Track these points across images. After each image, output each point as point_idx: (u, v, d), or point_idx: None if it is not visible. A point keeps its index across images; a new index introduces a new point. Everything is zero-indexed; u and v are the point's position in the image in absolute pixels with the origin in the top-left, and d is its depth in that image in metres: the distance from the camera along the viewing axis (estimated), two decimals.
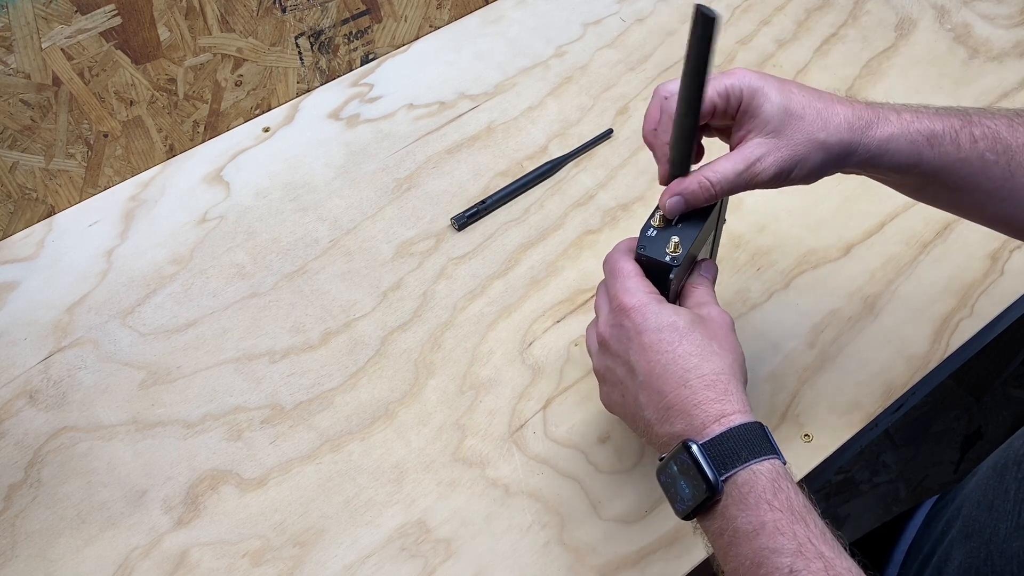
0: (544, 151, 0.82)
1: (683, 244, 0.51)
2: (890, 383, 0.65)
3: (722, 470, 0.45)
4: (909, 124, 0.51)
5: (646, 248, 0.52)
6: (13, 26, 0.67)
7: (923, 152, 0.51)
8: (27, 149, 0.74)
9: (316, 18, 0.84)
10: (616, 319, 0.51)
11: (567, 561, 0.58)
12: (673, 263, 0.51)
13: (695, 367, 0.48)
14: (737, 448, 0.46)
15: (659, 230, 0.52)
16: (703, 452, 0.46)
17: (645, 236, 0.52)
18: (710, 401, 0.47)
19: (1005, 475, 0.56)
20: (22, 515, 0.61)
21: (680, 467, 0.46)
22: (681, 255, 0.51)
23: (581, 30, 0.93)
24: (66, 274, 0.75)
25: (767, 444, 0.47)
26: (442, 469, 0.63)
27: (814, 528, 0.44)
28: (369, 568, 0.58)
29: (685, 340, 0.49)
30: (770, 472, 0.45)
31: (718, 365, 0.49)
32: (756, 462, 0.45)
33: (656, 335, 0.49)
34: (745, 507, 0.44)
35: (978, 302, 0.69)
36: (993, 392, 1.40)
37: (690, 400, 0.47)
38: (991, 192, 0.52)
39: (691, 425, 0.47)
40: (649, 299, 0.50)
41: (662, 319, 0.49)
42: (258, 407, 0.66)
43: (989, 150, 0.51)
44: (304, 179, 0.81)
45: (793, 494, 0.45)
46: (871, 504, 1.32)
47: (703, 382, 0.48)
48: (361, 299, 0.72)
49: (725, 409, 0.47)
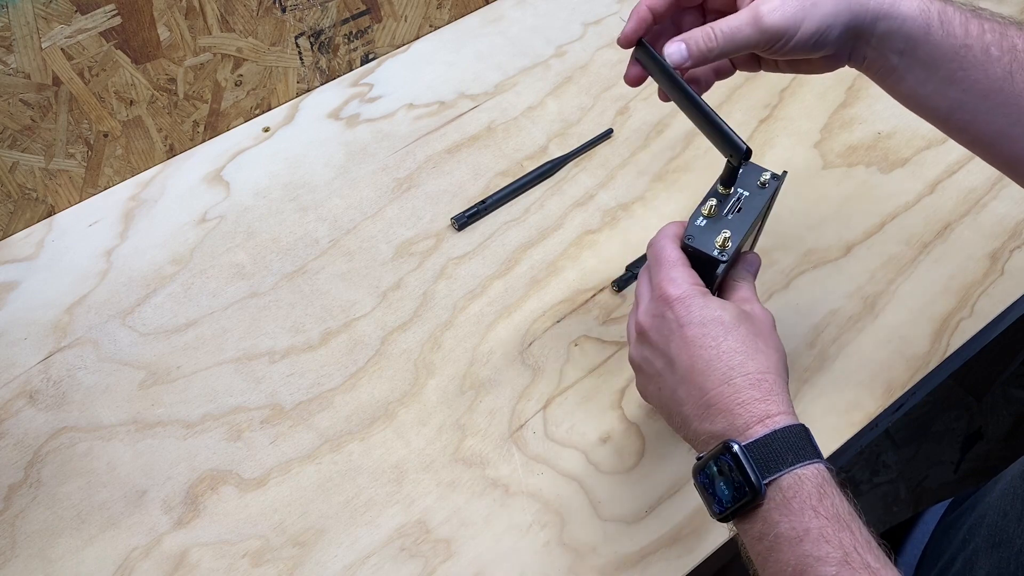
0: (544, 151, 0.82)
1: (733, 238, 0.49)
2: (890, 383, 0.65)
3: (766, 473, 0.44)
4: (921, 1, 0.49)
5: (694, 239, 0.50)
6: (13, 26, 0.67)
7: (932, 27, 0.49)
8: (27, 149, 0.74)
9: (316, 18, 0.84)
10: (658, 309, 0.49)
11: (567, 561, 0.58)
12: (722, 258, 0.49)
13: (740, 364, 0.47)
14: (782, 451, 0.44)
15: (709, 219, 0.50)
16: (746, 454, 0.44)
17: (694, 225, 0.50)
18: (754, 401, 0.46)
19: None
20: (22, 515, 0.61)
21: (720, 467, 0.45)
22: (731, 250, 0.49)
23: (581, 30, 0.93)
24: (66, 274, 0.75)
25: (811, 447, 0.45)
26: (442, 469, 0.63)
27: (860, 537, 0.42)
28: (369, 568, 0.58)
29: (730, 336, 0.47)
30: (815, 477, 0.44)
31: (763, 363, 0.47)
32: (801, 466, 0.44)
33: (700, 329, 0.48)
34: (788, 512, 0.43)
35: (978, 302, 0.69)
36: (993, 392, 1.40)
37: (733, 399, 0.46)
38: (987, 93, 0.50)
39: (733, 425, 0.46)
40: (694, 291, 0.49)
41: (707, 312, 0.48)
42: (258, 407, 0.66)
43: (994, 44, 0.49)
44: (304, 179, 0.81)
45: (838, 500, 0.44)
46: (871, 504, 1.32)
47: (748, 380, 0.46)
48: (361, 299, 0.72)
49: (770, 409, 0.46)
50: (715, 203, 0.51)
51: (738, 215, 0.50)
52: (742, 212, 0.51)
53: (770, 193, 0.52)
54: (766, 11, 0.48)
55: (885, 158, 0.80)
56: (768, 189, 0.51)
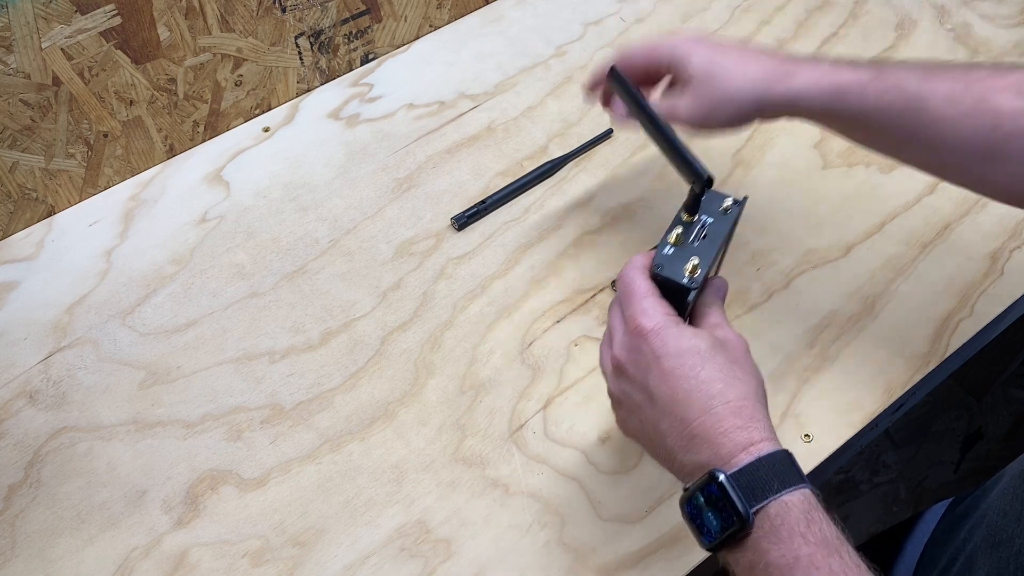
0: (544, 151, 0.82)
1: (702, 265, 0.50)
2: (890, 383, 0.65)
3: (753, 501, 0.44)
4: (820, 79, 0.55)
5: (663, 268, 0.50)
6: (13, 26, 0.67)
7: (833, 104, 0.55)
8: (27, 149, 0.74)
9: (316, 18, 0.84)
10: (633, 342, 0.49)
11: (567, 561, 0.58)
12: (691, 285, 0.49)
13: (720, 393, 0.46)
14: (768, 478, 0.44)
15: (676, 248, 0.51)
16: (732, 483, 0.44)
17: (662, 254, 0.51)
18: (737, 429, 0.46)
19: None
20: (22, 515, 0.61)
21: (707, 498, 0.45)
22: (700, 276, 0.50)
23: (581, 30, 0.93)
24: (66, 274, 0.75)
25: (796, 473, 0.45)
26: (442, 469, 0.63)
27: (850, 561, 0.42)
28: (369, 568, 0.58)
29: (708, 365, 0.47)
30: (802, 503, 0.44)
31: (742, 390, 0.47)
32: (787, 492, 0.44)
33: (677, 360, 0.47)
34: (778, 540, 0.43)
35: (978, 302, 0.69)
36: (993, 392, 1.40)
37: (716, 428, 0.46)
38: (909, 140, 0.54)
39: (717, 454, 0.45)
40: (668, 321, 0.49)
41: (682, 343, 0.48)
42: (258, 407, 0.66)
43: (897, 100, 0.53)
44: (304, 179, 0.81)
45: (826, 525, 0.43)
46: (871, 504, 1.32)
47: (728, 408, 0.46)
48: (361, 299, 0.72)
49: (753, 436, 0.45)
50: (681, 231, 0.51)
51: (704, 241, 0.51)
52: (707, 238, 0.51)
53: (733, 218, 0.52)
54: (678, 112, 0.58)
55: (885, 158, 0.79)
56: (731, 215, 0.52)
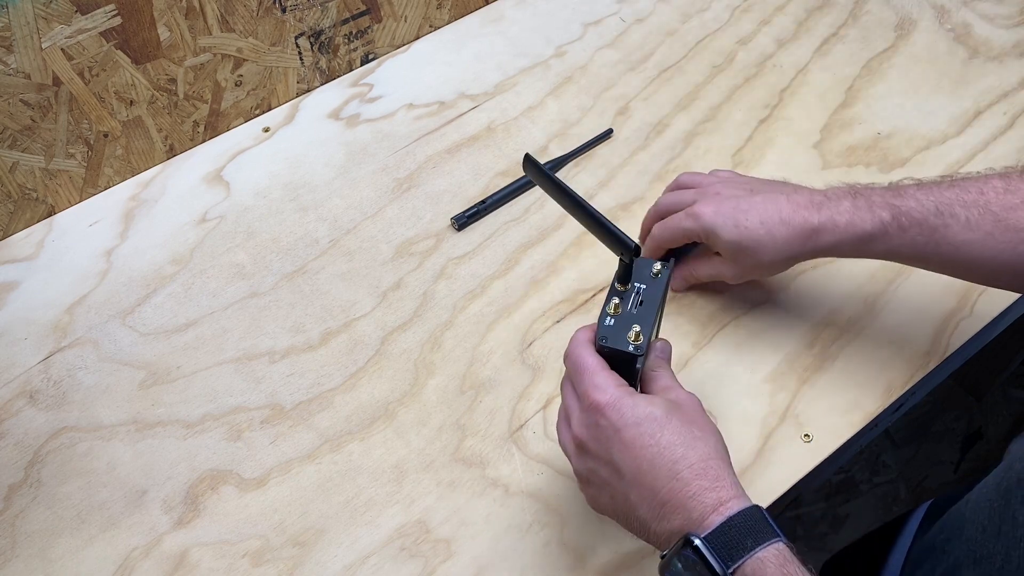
0: (544, 151, 0.82)
1: (644, 331, 0.51)
2: (890, 383, 0.65)
3: (729, 562, 0.44)
4: (846, 231, 0.58)
5: (607, 339, 0.51)
6: (13, 26, 0.67)
7: (861, 251, 0.59)
8: (27, 149, 0.74)
9: (316, 18, 0.84)
10: (591, 418, 0.50)
11: (567, 561, 0.58)
12: (637, 352, 0.50)
13: (682, 456, 0.47)
14: (741, 537, 0.45)
15: (616, 317, 0.52)
16: (707, 545, 0.45)
17: (604, 326, 0.51)
18: (704, 490, 0.46)
19: (1010, 499, 0.55)
20: (22, 515, 0.61)
21: (684, 563, 0.45)
22: (644, 342, 0.50)
23: (581, 30, 0.93)
24: (66, 274, 0.75)
25: (768, 528, 0.46)
26: (442, 469, 0.63)
27: None
28: (369, 568, 0.58)
29: (666, 430, 0.48)
30: (776, 557, 0.44)
31: (703, 451, 0.48)
32: (761, 549, 0.44)
33: (636, 429, 0.48)
34: None
35: (978, 302, 0.69)
36: (993, 392, 1.40)
37: (683, 492, 0.46)
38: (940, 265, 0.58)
39: (689, 519, 0.46)
40: (621, 393, 0.49)
41: (639, 412, 0.48)
42: (258, 407, 0.66)
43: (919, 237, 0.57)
44: (304, 179, 0.81)
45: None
46: (871, 504, 1.32)
47: (693, 472, 0.47)
48: (361, 299, 0.72)
49: (721, 496, 0.46)
50: (617, 301, 0.52)
51: (641, 308, 0.52)
52: (644, 304, 0.52)
53: (664, 281, 0.53)
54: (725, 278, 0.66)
55: (885, 158, 0.80)
56: (661, 278, 0.53)
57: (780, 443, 0.62)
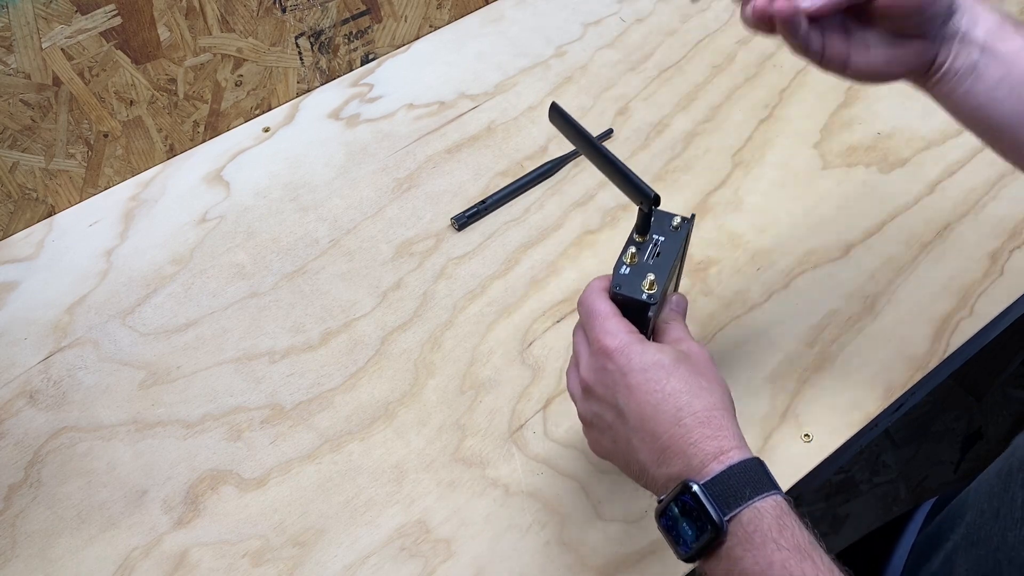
0: (544, 151, 0.82)
1: (658, 280, 0.51)
2: (890, 383, 0.65)
3: (726, 509, 0.44)
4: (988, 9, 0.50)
5: (622, 287, 0.51)
6: (13, 26, 0.67)
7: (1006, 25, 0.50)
8: (27, 149, 0.74)
9: (316, 18, 0.84)
10: (599, 362, 0.50)
11: (567, 561, 0.58)
12: (651, 300, 0.50)
13: (687, 404, 0.47)
14: (739, 486, 0.44)
15: (632, 267, 0.52)
16: (705, 492, 0.44)
17: (619, 275, 0.51)
18: (706, 439, 0.46)
19: (1010, 483, 0.55)
20: (22, 515, 0.61)
21: (681, 508, 0.45)
22: (657, 292, 0.50)
23: (581, 30, 0.93)
24: (66, 274, 0.75)
25: (768, 480, 0.46)
26: (442, 469, 0.63)
27: (822, 565, 0.43)
28: (369, 568, 0.58)
29: (673, 377, 0.48)
30: (774, 509, 0.44)
31: (709, 401, 0.48)
32: (759, 499, 0.44)
33: (643, 375, 0.48)
34: (751, 547, 0.43)
35: (978, 302, 0.69)
36: (993, 392, 1.40)
37: (686, 439, 0.46)
38: None
39: (689, 465, 0.46)
40: (631, 339, 0.49)
41: (647, 358, 0.48)
42: (258, 407, 0.66)
43: None
44: (304, 179, 0.81)
45: (798, 530, 0.44)
46: (871, 504, 1.32)
47: (696, 419, 0.47)
48: (361, 299, 0.72)
49: (723, 446, 0.46)
50: (634, 251, 0.52)
51: (658, 259, 0.52)
52: (661, 256, 0.52)
53: (684, 235, 0.53)
54: None
55: (885, 158, 0.80)
56: (681, 231, 0.53)
57: (780, 443, 0.62)
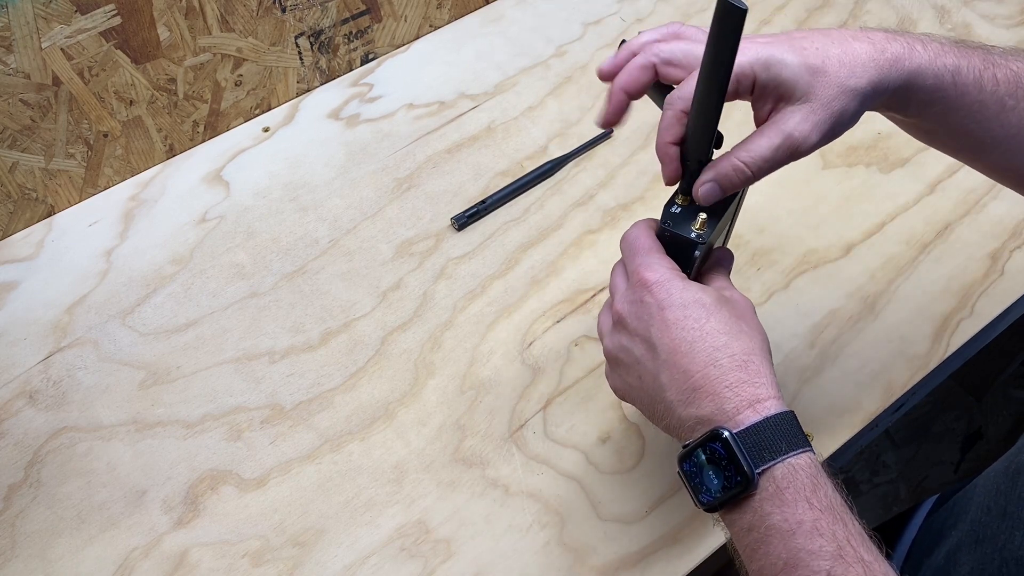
0: (544, 151, 0.82)
1: (710, 222, 0.49)
2: (890, 383, 0.65)
3: (759, 462, 0.42)
4: (935, 58, 0.47)
5: (671, 224, 0.49)
6: (13, 26, 0.67)
7: (946, 89, 0.48)
8: (27, 149, 0.74)
9: (316, 18, 0.84)
10: (636, 294, 0.47)
11: (567, 561, 0.58)
12: (699, 240, 0.48)
13: (724, 345, 0.45)
14: (775, 439, 0.42)
15: (684, 207, 0.50)
16: (737, 441, 0.42)
17: (669, 212, 0.50)
18: (742, 383, 0.44)
19: (1018, 481, 0.54)
20: (22, 515, 0.61)
21: (709, 455, 0.43)
22: (707, 233, 0.48)
23: (581, 30, 0.93)
24: (66, 274, 0.75)
25: (802, 435, 0.43)
26: (442, 469, 0.63)
27: (853, 530, 0.41)
28: (369, 568, 0.58)
29: (713, 317, 0.45)
30: (809, 467, 0.42)
31: (747, 345, 0.45)
32: (794, 455, 0.42)
33: (682, 311, 0.46)
34: (782, 503, 0.41)
35: (978, 302, 0.69)
36: (993, 392, 1.40)
37: (720, 381, 0.44)
38: (1003, 139, 0.50)
39: (721, 409, 0.43)
40: (672, 274, 0.47)
41: (687, 295, 0.46)
42: (258, 407, 0.66)
43: (1009, 95, 0.48)
44: (304, 179, 0.81)
45: (831, 491, 0.42)
46: (871, 504, 1.32)
47: (734, 362, 0.44)
48: (361, 299, 0.72)
49: (759, 393, 0.44)
50: (688, 196, 0.50)
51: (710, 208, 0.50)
52: (715, 206, 0.50)
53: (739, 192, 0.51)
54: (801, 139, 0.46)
55: (885, 158, 0.80)
56: None
57: None
